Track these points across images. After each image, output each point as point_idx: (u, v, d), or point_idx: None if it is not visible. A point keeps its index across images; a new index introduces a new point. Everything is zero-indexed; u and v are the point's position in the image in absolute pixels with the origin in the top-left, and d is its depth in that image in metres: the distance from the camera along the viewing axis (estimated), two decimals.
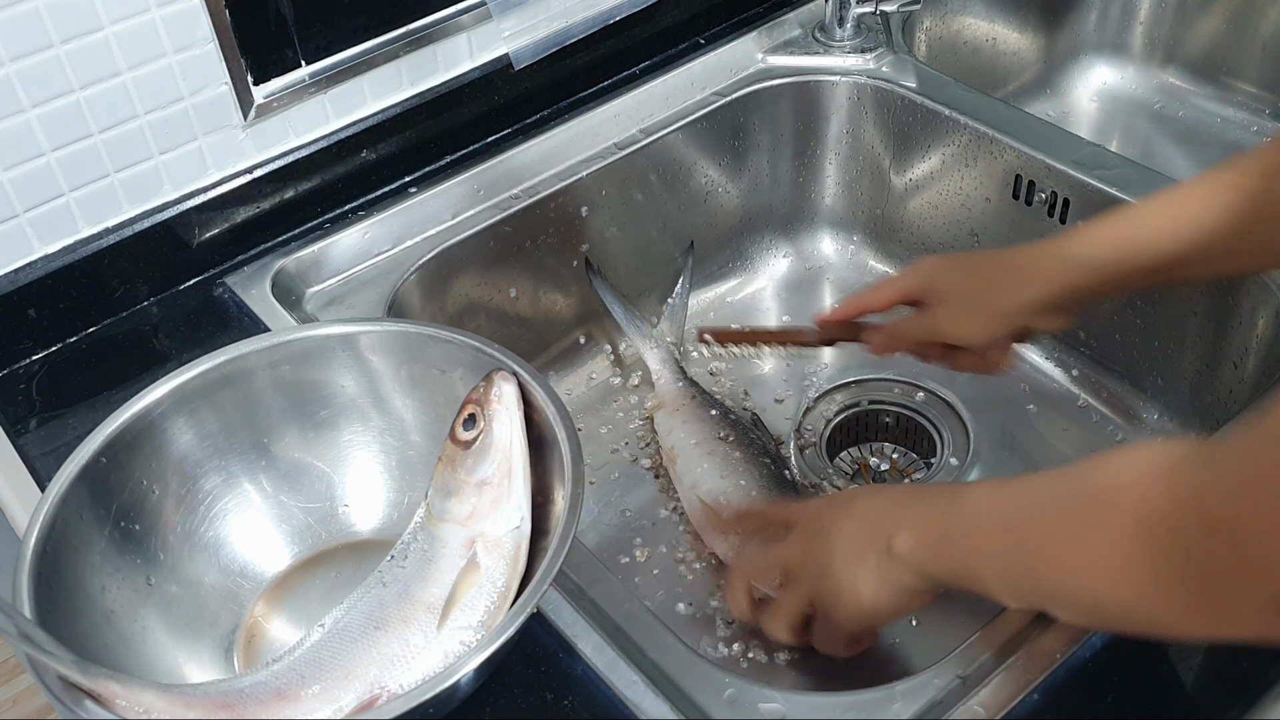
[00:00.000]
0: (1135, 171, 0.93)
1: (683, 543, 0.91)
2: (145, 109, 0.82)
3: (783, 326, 1.09)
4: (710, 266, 1.12)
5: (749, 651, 0.83)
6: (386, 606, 0.63)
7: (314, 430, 0.73)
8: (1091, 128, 1.30)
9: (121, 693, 0.56)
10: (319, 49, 0.88)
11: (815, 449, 0.98)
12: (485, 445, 0.65)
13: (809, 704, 0.60)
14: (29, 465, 0.77)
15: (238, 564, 0.71)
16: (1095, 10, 1.31)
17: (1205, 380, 0.93)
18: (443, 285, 0.94)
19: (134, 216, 0.85)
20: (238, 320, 0.86)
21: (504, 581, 0.62)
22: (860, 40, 1.08)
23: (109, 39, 0.78)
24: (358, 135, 0.92)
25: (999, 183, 1.00)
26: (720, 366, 1.05)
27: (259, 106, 0.86)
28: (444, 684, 0.55)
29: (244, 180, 0.88)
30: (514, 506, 0.64)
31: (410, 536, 0.66)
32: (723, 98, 1.05)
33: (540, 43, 0.96)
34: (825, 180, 1.12)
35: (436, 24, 0.93)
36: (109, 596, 0.64)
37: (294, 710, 0.59)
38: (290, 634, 0.69)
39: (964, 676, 0.61)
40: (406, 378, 0.72)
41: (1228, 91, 1.28)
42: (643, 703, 0.61)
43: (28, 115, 0.77)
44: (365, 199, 0.95)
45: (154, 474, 0.68)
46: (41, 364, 0.84)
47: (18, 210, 0.80)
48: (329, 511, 0.74)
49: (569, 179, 0.98)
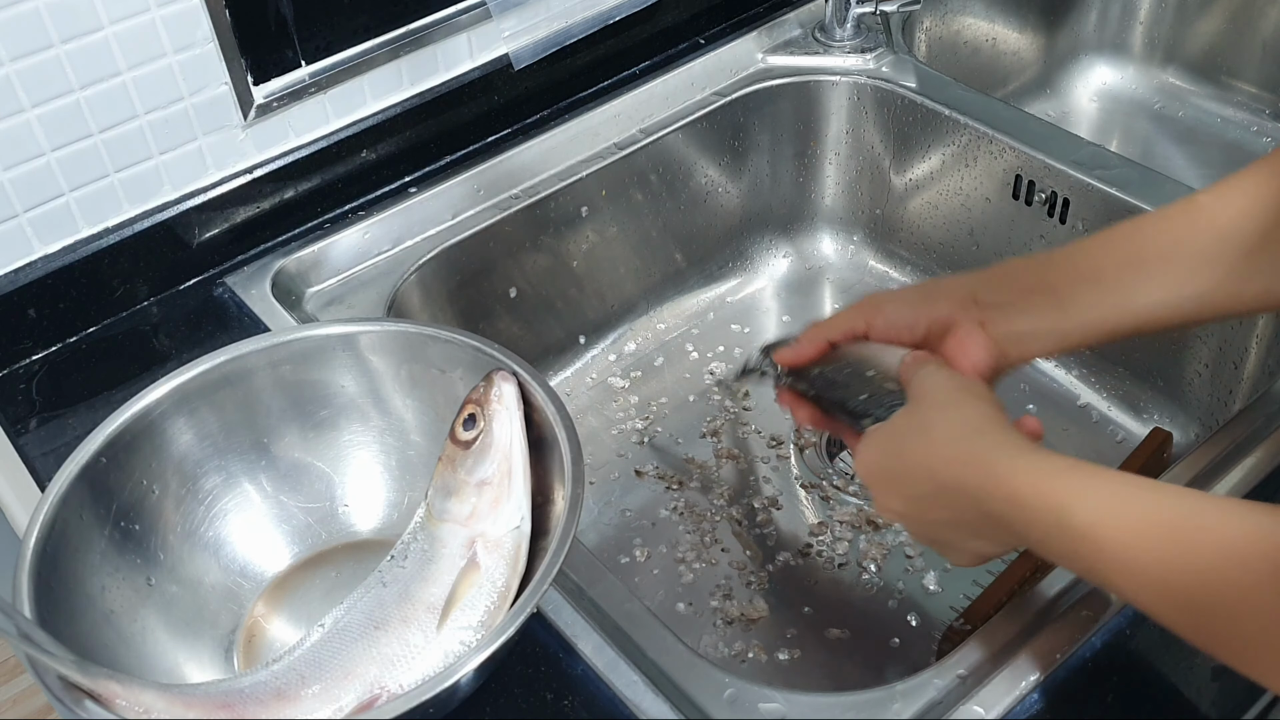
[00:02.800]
0: (1135, 171, 0.93)
1: (683, 542, 0.91)
2: (145, 109, 0.82)
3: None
4: (710, 266, 1.12)
5: (749, 651, 0.83)
6: (386, 606, 0.63)
7: (314, 430, 0.73)
8: (1091, 128, 1.30)
9: (121, 693, 0.56)
10: (319, 49, 0.88)
11: (815, 449, 0.98)
12: (485, 445, 0.65)
13: (809, 704, 0.60)
14: (29, 465, 0.77)
15: (238, 564, 0.71)
16: (1095, 10, 1.31)
17: (1205, 380, 0.93)
18: (443, 285, 0.94)
19: (134, 216, 0.85)
20: (238, 320, 0.86)
21: (504, 581, 0.62)
22: (860, 40, 1.08)
23: (109, 39, 0.78)
24: (358, 135, 0.92)
25: (999, 183, 1.00)
26: (720, 367, 1.06)
27: (259, 106, 0.86)
28: (444, 684, 0.55)
29: (244, 180, 0.88)
30: (514, 506, 0.64)
31: (410, 536, 0.66)
32: (723, 98, 1.05)
33: (540, 43, 0.96)
34: (825, 180, 1.12)
35: (436, 24, 0.93)
36: (109, 596, 0.64)
37: (294, 710, 0.59)
38: (290, 634, 0.69)
39: (964, 676, 0.61)
40: (406, 378, 0.72)
41: (1228, 91, 1.28)
42: (643, 703, 0.61)
43: (28, 115, 0.77)
44: (365, 199, 0.95)
45: (154, 474, 0.68)
46: (41, 364, 0.84)
47: (18, 210, 0.80)
48: (329, 511, 0.74)
49: (569, 179, 0.98)
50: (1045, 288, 0.68)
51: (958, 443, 0.59)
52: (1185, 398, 0.95)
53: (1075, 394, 1.00)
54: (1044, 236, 0.98)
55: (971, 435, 0.59)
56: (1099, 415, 0.99)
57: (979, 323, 0.68)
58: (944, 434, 0.60)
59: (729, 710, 0.60)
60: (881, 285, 1.13)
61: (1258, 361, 0.87)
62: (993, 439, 0.58)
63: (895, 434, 0.63)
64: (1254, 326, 0.87)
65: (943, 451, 0.59)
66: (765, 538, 0.91)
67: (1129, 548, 0.51)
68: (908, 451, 0.62)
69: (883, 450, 0.64)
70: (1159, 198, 0.90)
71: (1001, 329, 0.68)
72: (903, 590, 0.87)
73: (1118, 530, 0.51)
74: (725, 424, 1.00)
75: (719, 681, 0.61)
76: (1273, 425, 0.72)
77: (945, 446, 0.59)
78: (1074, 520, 0.52)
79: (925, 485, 0.60)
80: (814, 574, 0.88)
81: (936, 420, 0.61)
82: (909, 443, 0.62)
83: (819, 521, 0.92)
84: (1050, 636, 0.62)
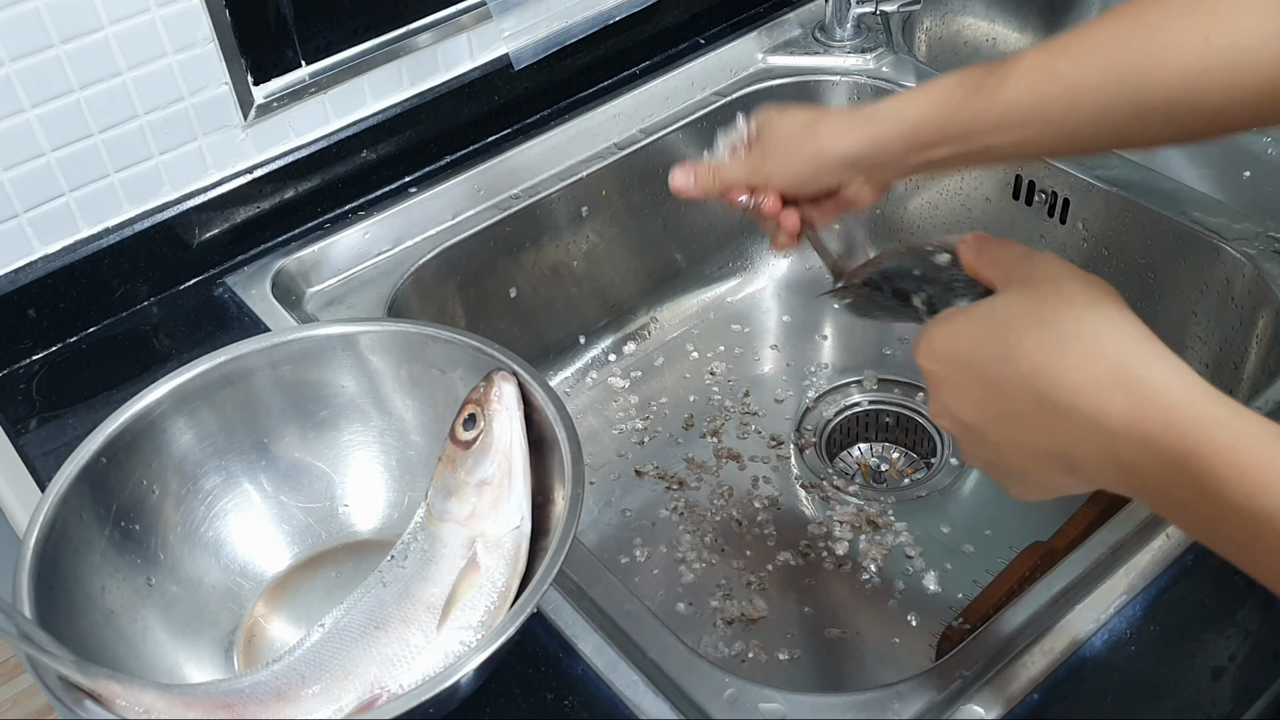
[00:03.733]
0: (1135, 171, 0.93)
1: (683, 542, 0.91)
2: (145, 109, 0.82)
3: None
4: (710, 266, 1.12)
5: (749, 651, 0.83)
6: (386, 606, 0.63)
7: (314, 430, 0.73)
8: None
9: (121, 693, 0.56)
10: (319, 49, 0.88)
11: (815, 449, 0.98)
12: (485, 445, 0.65)
13: (809, 704, 0.60)
14: (29, 465, 0.77)
15: (238, 564, 0.71)
16: (1095, 10, 1.31)
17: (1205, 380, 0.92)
18: (443, 285, 0.94)
19: (134, 216, 0.85)
20: (238, 320, 0.86)
21: (504, 581, 0.62)
22: (860, 40, 1.08)
23: (109, 39, 0.78)
24: (358, 135, 0.92)
25: (999, 183, 1.00)
26: (720, 368, 1.06)
27: (259, 106, 0.86)
28: (444, 684, 0.55)
29: (244, 180, 0.88)
30: (514, 506, 0.64)
31: (410, 536, 0.66)
32: (723, 98, 1.05)
33: (540, 43, 0.96)
34: None
35: (436, 24, 0.93)
36: (109, 596, 0.64)
37: (294, 710, 0.59)
38: (290, 634, 0.69)
39: (964, 676, 0.61)
40: (406, 378, 0.72)
41: None
42: (643, 703, 0.61)
43: (28, 115, 0.77)
44: (365, 199, 0.95)
45: (154, 474, 0.68)
46: (41, 364, 0.84)
47: (18, 210, 0.80)
48: (329, 511, 0.74)
49: (569, 179, 0.98)
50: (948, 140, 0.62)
51: (1103, 359, 0.46)
52: None
53: None
54: (1044, 236, 0.98)
55: (1129, 353, 0.46)
56: None
57: (864, 182, 0.69)
58: (1080, 341, 0.47)
59: (729, 710, 0.60)
60: None
61: (1258, 361, 0.87)
62: (1162, 366, 0.45)
63: (996, 323, 0.50)
64: (1254, 326, 0.87)
65: (1079, 365, 0.46)
66: (765, 538, 0.91)
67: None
68: (1013, 351, 0.48)
69: (972, 340, 0.51)
70: (1159, 197, 0.90)
71: (892, 176, 0.69)
72: (903, 590, 0.87)
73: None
74: (725, 424, 1.00)
75: (719, 681, 0.61)
76: None
77: (1083, 359, 0.46)
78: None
79: (1027, 400, 0.48)
80: (814, 574, 0.88)
81: (1068, 319, 0.47)
82: (1020, 340, 0.48)
83: (819, 521, 0.92)
84: (1050, 637, 0.62)
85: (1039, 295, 0.49)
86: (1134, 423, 0.45)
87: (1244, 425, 0.43)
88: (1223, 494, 0.42)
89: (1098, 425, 0.45)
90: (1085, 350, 0.46)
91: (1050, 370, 0.47)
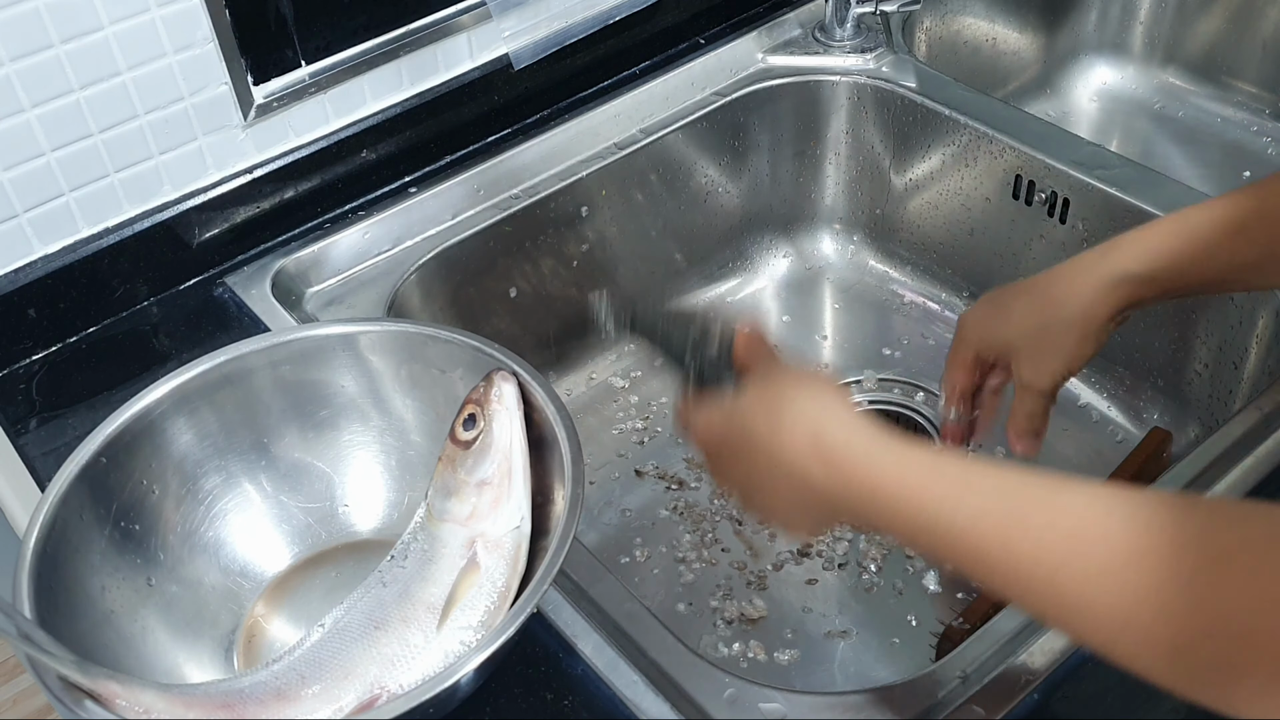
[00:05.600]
0: (1135, 171, 0.93)
1: (683, 543, 0.91)
2: (145, 109, 0.82)
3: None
4: (710, 266, 1.12)
5: (749, 651, 0.83)
6: (386, 606, 0.63)
7: (314, 430, 0.73)
8: (1091, 128, 1.30)
9: (121, 693, 0.56)
10: (319, 49, 0.88)
11: None
12: (485, 445, 0.65)
13: (809, 704, 0.60)
14: (29, 465, 0.77)
15: (238, 564, 0.71)
16: (1095, 10, 1.31)
17: (1205, 380, 0.93)
18: (443, 285, 0.94)
19: (134, 216, 0.85)
20: (238, 320, 0.86)
21: (504, 581, 0.62)
22: (860, 40, 1.08)
23: (109, 39, 0.78)
24: (358, 135, 0.92)
25: (999, 182, 1.00)
26: None
27: (259, 106, 0.86)
28: (444, 684, 0.55)
29: (244, 180, 0.88)
30: (514, 506, 0.64)
31: (410, 536, 0.66)
32: (723, 98, 1.05)
33: (540, 43, 0.96)
34: (825, 180, 1.12)
35: (436, 24, 0.93)
36: (109, 596, 0.64)
37: (294, 710, 0.59)
38: (290, 634, 0.69)
39: (964, 676, 0.61)
40: (406, 378, 0.72)
41: (1228, 91, 1.28)
42: (643, 703, 0.61)
43: (28, 115, 0.77)
44: (365, 199, 0.95)
45: (154, 474, 0.68)
46: (41, 364, 0.84)
47: (18, 210, 0.80)
48: (329, 511, 0.74)
49: (569, 179, 0.98)
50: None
51: (805, 435, 0.58)
52: (1185, 398, 0.95)
53: (1075, 394, 1.00)
54: (1044, 236, 0.98)
55: (822, 426, 0.58)
56: (1099, 415, 0.99)
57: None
58: (788, 422, 0.59)
59: (729, 710, 0.60)
60: (881, 285, 1.13)
61: (1258, 361, 0.87)
62: (845, 432, 0.57)
63: (739, 413, 0.63)
64: (1254, 326, 0.87)
65: (790, 442, 0.58)
66: (765, 538, 0.91)
67: (969, 533, 0.51)
68: (750, 433, 0.61)
69: (724, 426, 0.64)
70: (1159, 198, 0.90)
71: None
72: (903, 590, 0.87)
73: (957, 514, 0.51)
74: None
75: (719, 681, 0.61)
76: (1273, 425, 0.72)
77: (791, 436, 0.58)
78: (939, 515, 0.52)
79: (765, 469, 0.60)
80: (814, 574, 0.88)
81: (784, 405, 0.60)
82: (754, 425, 0.61)
83: None
84: (1050, 636, 0.62)
85: (769, 390, 0.62)
86: (829, 479, 0.57)
87: (905, 462, 0.54)
88: (898, 515, 0.54)
89: (810, 485, 0.58)
90: (792, 430, 0.58)
91: (773, 447, 0.59)
